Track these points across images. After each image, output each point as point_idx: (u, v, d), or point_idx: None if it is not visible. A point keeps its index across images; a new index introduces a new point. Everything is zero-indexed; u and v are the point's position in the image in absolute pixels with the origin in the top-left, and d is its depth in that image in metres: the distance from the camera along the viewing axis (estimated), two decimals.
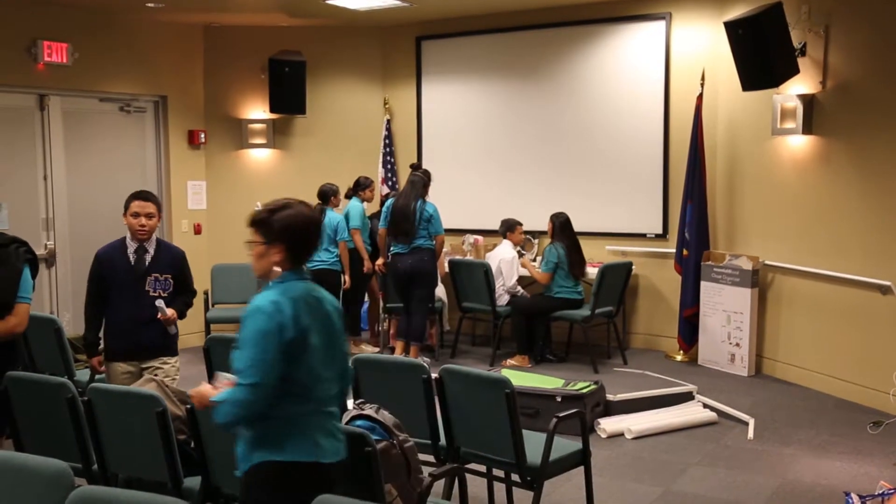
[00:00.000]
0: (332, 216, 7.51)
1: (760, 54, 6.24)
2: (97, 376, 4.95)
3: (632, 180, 7.93)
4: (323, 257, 7.27)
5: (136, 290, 4.40)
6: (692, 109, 7.34)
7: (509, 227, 7.70)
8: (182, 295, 4.55)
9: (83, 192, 7.91)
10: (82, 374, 5.20)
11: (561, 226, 7.41)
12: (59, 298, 7.78)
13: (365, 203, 7.94)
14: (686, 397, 6.25)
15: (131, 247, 4.45)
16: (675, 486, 4.81)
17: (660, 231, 7.83)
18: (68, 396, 3.66)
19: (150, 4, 7.48)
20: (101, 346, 4.55)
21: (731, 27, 6.44)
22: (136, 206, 4.40)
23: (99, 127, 8.08)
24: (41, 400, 3.76)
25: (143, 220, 4.39)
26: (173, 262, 4.51)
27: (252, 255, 2.88)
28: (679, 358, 7.50)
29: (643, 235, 7.91)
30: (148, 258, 4.45)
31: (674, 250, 7.56)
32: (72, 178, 7.84)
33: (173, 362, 4.53)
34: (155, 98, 8.46)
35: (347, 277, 7.51)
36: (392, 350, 7.59)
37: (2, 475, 2.63)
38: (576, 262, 7.33)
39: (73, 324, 7.51)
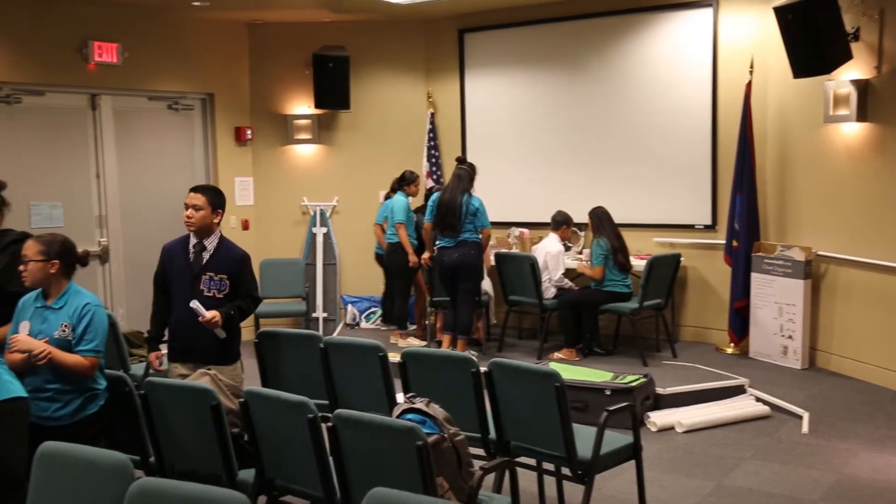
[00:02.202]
0: (394, 200, 7.81)
1: (812, 40, 6.10)
2: (150, 371, 5.03)
3: (679, 171, 7.83)
4: (390, 236, 7.89)
5: (191, 287, 4.29)
6: (741, 98, 7.22)
7: (565, 221, 7.66)
8: (238, 299, 4.34)
9: (134, 190, 8.05)
10: (137, 369, 5.29)
11: (600, 219, 7.36)
12: (113, 294, 7.93)
13: (409, 197, 7.97)
14: (738, 391, 6.17)
15: (192, 242, 4.37)
16: (728, 480, 4.74)
17: (709, 222, 7.72)
18: (125, 390, 3.72)
19: (196, 3, 7.57)
20: (165, 343, 4.52)
21: (780, 13, 6.32)
22: (187, 197, 4.35)
23: (148, 125, 8.22)
24: None
25: (191, 212, 4.30)
26: (230, 263, 4.33)
27: None
28: (729, 351, 7.39)
29: (691, 227, 7.80)
30: (206, 256, 4.33)
31: (723, 241, 7.45)
32: (123, 176, 7.98)
33: (228, 370, 4.26)
34: (202, 95, 8.57)
35: (412, 258, 7.71)
36: (439, 344, 7.60)
37: (66, 467, 2.69)
38: (620, 253, 7.27)
39: (126, 319, 7.65)
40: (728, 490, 4.61)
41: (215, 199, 4.38)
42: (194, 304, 4.20)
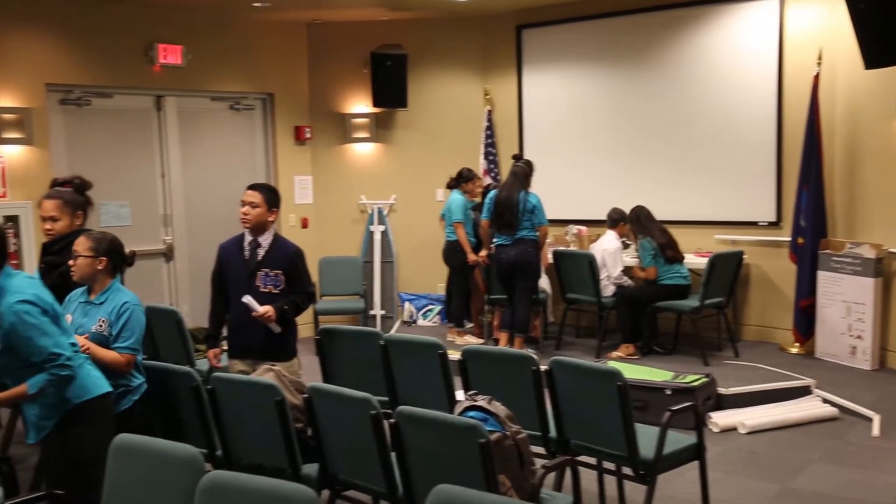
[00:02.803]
0: (451, 199, 7.84)
1: (885, 28, 5.92)
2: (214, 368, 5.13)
3: (742, 166, 7.69)
4: (448, 234, 7.95)
5: (247, 284, 4.36)
6: (807, 91, 7.06)
7: (622, 219, 7.60)
8: (294, 294, 4.41)
9: (197, 189, 8.21)
10: (202, 364, 5.39)
11: (640, 219, 7.30)
12: (178, 291, 8.10)
13: (467, 195, 7.98)
14: (803, 391, 6.04)
15: (247, 240, 4.46)
16: (794, 483, 4.65)
17: (773, 218, 7.57)
18: (193, 385, 3.80)
19: (256, 4, 7.69)
20: (223, 341, 4.60)
21: (851, 1, 6.15)
22: (244, 195, 4.43)
23: (211, 125, 8.37)
24: (167, 388, 3.92)
25: (247, 209, 4.37)
26: (285, 258, 4.40)
27: None
28: (794, 350, 7.24)
29: (754, 223, 7.66)
30: (261, 253, 4.41)
31: (788, 238, 7.29)
32: (187, 175, 8.15)
33: (286, 366, 4.24)
34: (262, 96, 8.70)
35: (471, 256, 7.73)
36: (496, 342, 7.59)
37: (139, 459, 2.76)
38: (669, 248, 7.18)
39: (190, 315, 7.80)
40: (795, 493, 4.52)
41: (271, 196, 4.46)
42: (247, 299, 4.28)
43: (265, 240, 4.44)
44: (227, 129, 8.51)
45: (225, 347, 4.61)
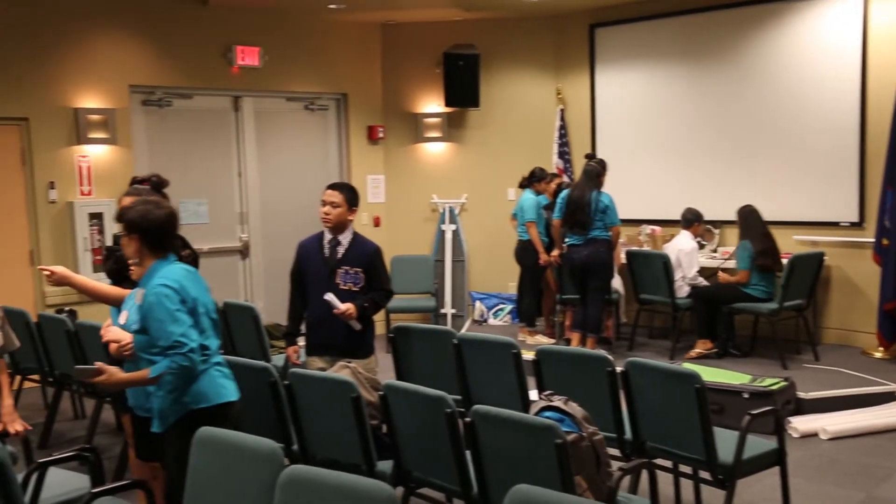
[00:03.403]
0: (524, 198, 7.81)
1: None
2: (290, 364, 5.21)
3: (823, 166, 7.48)
4: (520, 233, 7.93)
5: (327, 282, 4.40)
6: (893, 88, 6.83)
7: (696, 219, 7.46)
8: (372, 292, 4.44)
9: (273, 187, 8.37)
10: (277, 360, 5.48)
11: (746, 219, 7.11)
12: (253, 287, 8.26)
13: (539, 194, 7.94)
14: (888, 397, 5.84)
15: (327, 238, 4.49)
16: (880, 491, 4.50)
17: (855, 219, 7.34)
18: (271, 380, 3.87)
19: (332, 6, 7.79)
20: (302, 337, 4.65)
21: None
22: (324, 194, 4.47)
23: (286, 125, 8.52)
24: (244, 383, 3.99)
25: (328, 209, 4.42)
26: (364, 256, 4.44)
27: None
28: (878, 355, 7.01)
29: (836, 224, 7.45)
30: (340, 251, 4.44)
31: (872, 240, 7.07)
32: (263, 174, 8.32)
33: (363, 364, 4.28)
34: (337, 96, 8.81)
35: (543, 256, 7.70)
36: (567, 342, 7.54)
37: (221, 452, 2.82)
38: (769, 255, 6.98)
39: (265, 312, 7.95)
40: (880, 502, 4.37)
41: (351, 195, 4.49)
42: (329, 296, 4.31)
43: (345, 238, 4.48)
44: (302, 128, 8.65)
45: (302, 344, 4.67)
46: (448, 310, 8.90)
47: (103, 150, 7.26)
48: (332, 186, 4.53)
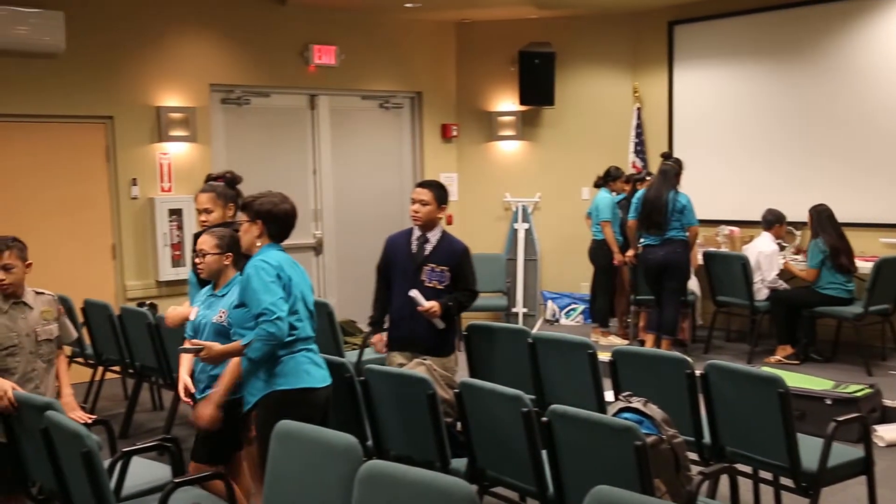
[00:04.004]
0: (599, 197, 7.70)
1: None
2: (363, 358, 5.25)
3: None
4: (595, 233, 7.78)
5: (413, 278, 4.39)
6: None
7: (777, 220, 7.27)
8: (458, 292, 4.41)
9: (346, 185, 8.46)
10: (350, 356, 5.53)
11: (820, 217, 6.89)
12: (326, 283, 8.36)
13: (613, 194, 7.85)
14: None
15: (415, 235, 4.48)
16: None
17: None
18: (346, 376, 3.90)
19: (408, 4, 7.83)
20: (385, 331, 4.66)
21: None
22: (413, 192, 4.49)
23: (360, 123, 8.59)
24: None
25: (417, 206, 4.42)
26: (452, 255, 4.41)
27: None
28: None
29: None
30: (428, 248, 4.43)
31: None
32: (337, 172, 8.41)
33: (444, 362, 4.33)
34: (411, 94, 8.85)
35: (618, 256, 7.59)
36: (641, 343, 7.42)
37: (300, 446, 2.85)
38: (843, 255, 6.77)
39: (337, 308, 8.03)
40: None
41: (440, 194, 4.48)
42: (413, 293, 4.31)
43: (433, 236, 4.46)
44: (377, 127, 8.71)
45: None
46: (519, 309, 8.86)
47: (183, 147, 7.43)
48: (422, 184, 4.54)
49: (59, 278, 6.69)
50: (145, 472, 3.65)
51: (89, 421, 3.80)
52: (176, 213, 7.34)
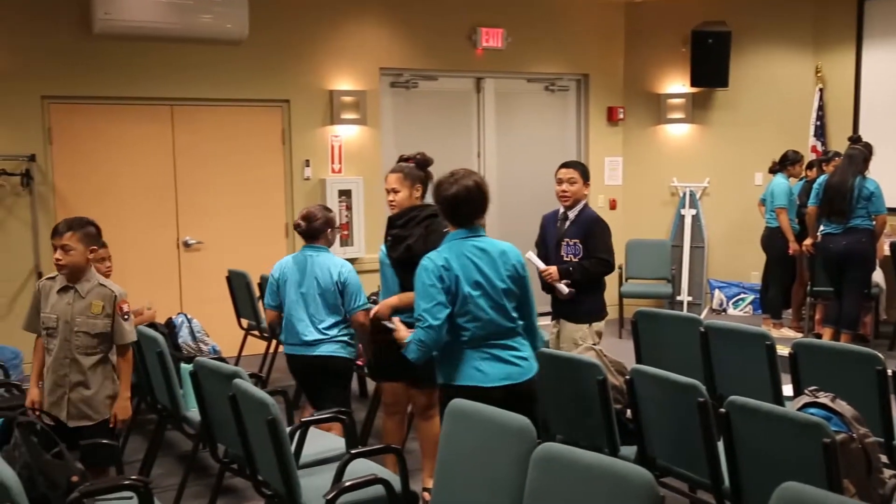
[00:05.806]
0: (774, 182, 7.37)
1: None
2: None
3: None
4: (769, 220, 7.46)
5: (555, 253, 4.60)
6: None
7: None
8: (587, 259, 4.49)
9: (510, 167, 8.46)
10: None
11: None
12: None
13: (792, 179, 7.46)
14: None
15: (561, 212, 4.67)
16: None
17: None
18: None
19: None
20: None
21: None
22: (559, 173, 4.64)
23: (525, 106, 8.56)
24: None
25: (566, 186, 4.57)
26: (582, 226, 4.54)
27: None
28: None
29: None
30: (567, 224, 4.60)
31: None
32: (501, 154, 8.43)
33: (573, 328, 4.49)
34: (577, 77, 8.72)
35: (793, 245, 7.24)
36: (818, 337, 7.03)
37: (472, 425, 2.88)
38: None
39: None
40: None
41: (584, 171, 4.66)
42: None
43: (573, 212, 4.61)
44: (541, 109, 8.65)
45: None
46: (684, 297, 8.59)
47: (353, 129, 7.64)
48: (567, 165, 4.69)
49: (237, 254, 7.09)
50: (321, 442, 3.80)
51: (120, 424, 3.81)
52: (345, 194, 7.57)
